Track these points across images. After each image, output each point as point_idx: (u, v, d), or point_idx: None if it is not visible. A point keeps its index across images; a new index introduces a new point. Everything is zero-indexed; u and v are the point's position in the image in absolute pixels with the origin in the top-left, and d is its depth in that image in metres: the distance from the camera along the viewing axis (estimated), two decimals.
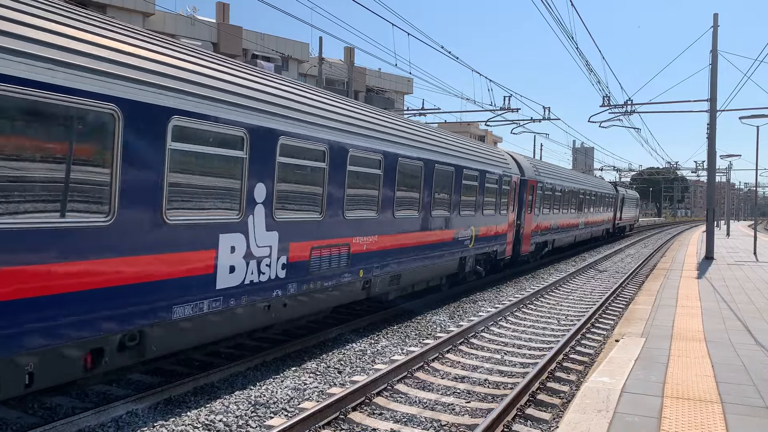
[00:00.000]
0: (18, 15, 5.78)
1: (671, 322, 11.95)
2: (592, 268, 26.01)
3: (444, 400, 8.28)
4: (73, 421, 6.75)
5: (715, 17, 25.98)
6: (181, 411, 7.48)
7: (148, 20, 45.84)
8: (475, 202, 16.93)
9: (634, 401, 6.99)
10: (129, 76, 6.67)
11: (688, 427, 6.23)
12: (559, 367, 10.04)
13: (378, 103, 51.82)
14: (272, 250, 9.00)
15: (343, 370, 9.56)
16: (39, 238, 5.79)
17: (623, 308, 15.84)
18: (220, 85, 8.05)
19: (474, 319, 13.27)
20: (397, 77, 68.13)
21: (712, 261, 25.72)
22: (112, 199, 6.51)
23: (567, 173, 32.32)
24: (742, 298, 15.44)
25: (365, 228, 11.43)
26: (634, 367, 8.50)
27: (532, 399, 8.33)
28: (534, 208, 23.61)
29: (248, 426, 7.16)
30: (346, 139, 10.65)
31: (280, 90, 9.45)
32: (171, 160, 7.19)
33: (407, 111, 36.75)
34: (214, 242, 7.89)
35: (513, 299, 16.27)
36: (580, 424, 6.23)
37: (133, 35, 7.28)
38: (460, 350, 11.08)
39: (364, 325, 12.64)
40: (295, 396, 8.22)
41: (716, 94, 25.90)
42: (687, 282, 18.37)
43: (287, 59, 51.72)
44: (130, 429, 6.87)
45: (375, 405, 7.96)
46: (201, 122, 7.56)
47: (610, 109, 28.92)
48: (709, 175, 27.16)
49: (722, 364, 8.84)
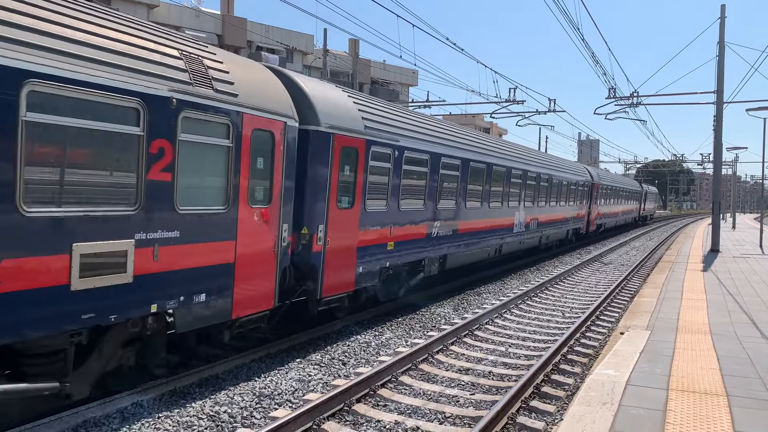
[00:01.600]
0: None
1: (676, 314, 11.92)
2: (596, 260, 25.95)
3: (448, 392, 8.28)
4: (78, 412, 6.78)
5: (723, 8, 25.77)
6: (186, 402, 7.50)
7: (153, 12, 45.80)
8: (573, 199, 29.19)
9: (639, 394, 6.97)
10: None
11: (694, 420, 6.21)
12: (564, 359, 10.03)
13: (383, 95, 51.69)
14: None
15: (348, 361, 9.57)
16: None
17: (628, 301, 15.81)
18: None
19: (478, 312, 13.27)
20: (402, 69, 67.92)
21: (718, 253, 25.63)
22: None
23: (613, 177, 44.88)
24: (748, 290, 15.39)
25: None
26: (639, 359, 8.48)
27: (537, 391, 8.32)
28: (597, 202, 34.69)
29: (253, 417, 7.17)
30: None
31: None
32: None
33: (412, 103, 36.63)
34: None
35: (517, 291, 16.25)
36: (584, 416, 6.22)
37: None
38: (465, 342, 11.08)
39: (368, 317, 12.65)
40: (299, 387, 8.23)
41: (723, 86, 25.73)
42: (692, 275, 18.31)
43: (292, 51, 51.67)
44: (136, 420, 6.90)
45: (379, 397, 7.97)
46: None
47: (616, 101, 28.79)
48: (715, 167, 27.03)
49: (728, 356, 8.81)
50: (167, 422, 6.88)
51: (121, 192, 6.61)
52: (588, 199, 32.46)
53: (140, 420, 6.90)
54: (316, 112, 9.91)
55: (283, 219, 9.18)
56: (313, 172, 9.93)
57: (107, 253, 6.43)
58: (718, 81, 25.71)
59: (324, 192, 10.15)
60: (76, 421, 6.70)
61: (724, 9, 25.75)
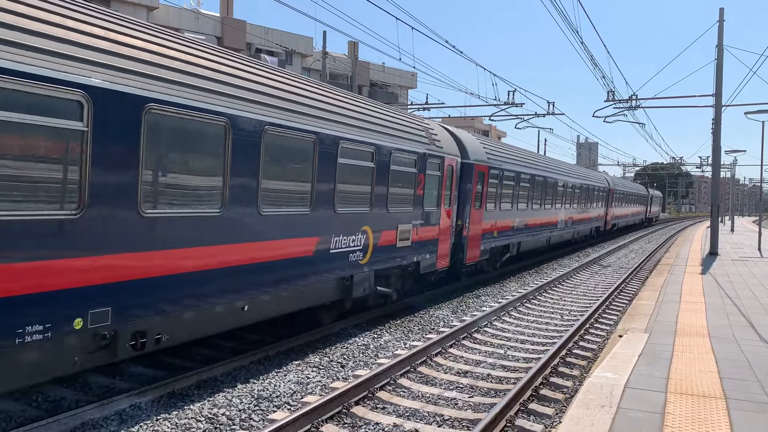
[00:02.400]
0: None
1: (675, 317, 11.92)
2: (595, 263, 25.96)
3: (447, 395, 8.28)
4: (76, 414, 6.77)
5: (721, 12, 25.82)
6: (184, 404, 7.49)
7: (152, 14, 45.82)
8: (595, 202, 35.47)
9: (637, 397, 6.97)
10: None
11: (692, 422, 6.21)
12: (563, 362, 10.03)
13: (381, 98, 51.69)
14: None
15: (346, 364, 9.56)
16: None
17: (627, 304, 15.81)
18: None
19: (477, 314, 13.26)
20: (401, 72, 67.95)
21: (717, 257, 25.64)
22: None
23: (624, 183, 51.61)
24: (747, 293, 15.40)
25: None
26: (638, 362, 8.48)
27: (535, 394, 8.32)
28: (612, 205, 40.14)
29: (251, 420, 7.17)
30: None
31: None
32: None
33: (411, 105, 36.67)
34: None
35: (516, 294, 16.25)
36: (583, 419, 6.22)
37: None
38: (463, 345, 11.07)
39: (367, 319, 12.64)
40: (298, 390, 8.22)
41: (722, 89, 25.76)
42: (691, 278, 18.32)
43: (291, 53, 51.70)
44: (134, 422, 6.88)
45: (378, 399, 7.96)
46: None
47: (615, 104, 28.80)
48: (714, 170, 27.05)
49: (726, 359, 8.82)
50: (165, 424, 6.87)
51: (413, 202, 13.20)
52: (606, 203, 38.69)
53: (138, 422, 6.88)
54: (467, 152, 16.67)
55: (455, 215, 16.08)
56: (464, 186, 16.48)
57: (404, 231, 12.85)
58: (717, 84, 25.74)
59: (469, 198, 16.64)
60: (74, 423, 6.68)
61: (723, 12, 25.80)
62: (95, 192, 6.26)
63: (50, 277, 5.91)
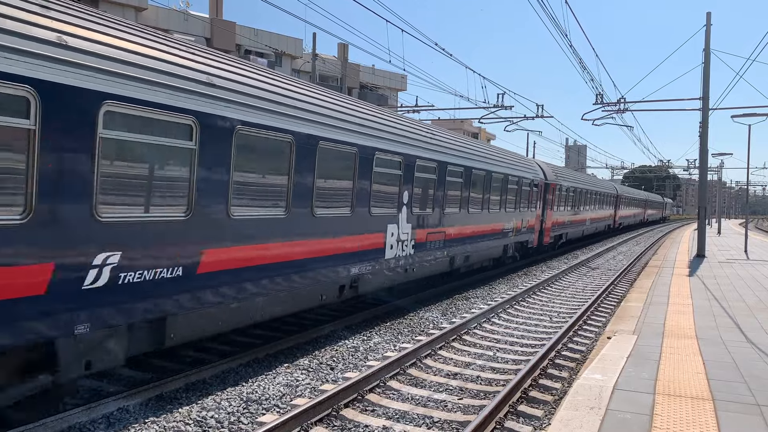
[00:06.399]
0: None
1: (663, 319, 11.99)
2: (584, 265, 26.08)
3: (436, 397, 8.28)
4: (63, 418, 6.71)
5: (708, 16, 26.05)
6: (173, 407, 7.45)
7: (141, 15, 45.59)
8: (606, 206, 44.61)
9: (626, 398, 7.00)
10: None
11: (681, 424, 6.24)
12: (552, 364, 10.06)
13: (371, 100, 51.68)
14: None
15: (336, 366, 9.54)
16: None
17: (615, 306, 15.88)
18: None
19: (467, 316, 13.28)
20: (391, 74, 68.06)
21: (704, 259, 25.84)
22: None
23: (635, 191, 67.06)
24: (733, 295, 15.52)
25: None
26: (626, 364, 8.52)
27: (525, 396, 8.34)
28: (619, 207, 50.66)
29: (240, 422, 7.13)
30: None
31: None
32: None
33: (401, 108, 36.71)
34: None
35: (505, 296, 16.29)
36: (572, 420, 6.24)
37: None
38: (453, 347, 11.08)
39: (356, 321, 12.62)
40: (287, 392, 8.20)
41: (709, 92, 26.00)
42: (679, 279, 18.45)
43: (281, 55, 51.58)
44: (121, 425, 6.83)
45: (367, 401, 7.95)
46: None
47: (603, 107, 28.96)
48: (701, 173, 27.26)
49: (714, 361, 8.88)
50: (153, 428, 6.82)
51: (528, 206, 23.31)
52: (614, 206, 48.39)
53: (126, 426, 6.83)
54: (545, 175, 26.28)
55: (542, 214, 25.98)
56: (545, 197, 26.09)
57: (526, 221, 23.32)
58: (704, 88, 25.97)
59: (547, 204, 26.37)
60: (60, 427, 6.62)
61: (710, 17, 26.02)
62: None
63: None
